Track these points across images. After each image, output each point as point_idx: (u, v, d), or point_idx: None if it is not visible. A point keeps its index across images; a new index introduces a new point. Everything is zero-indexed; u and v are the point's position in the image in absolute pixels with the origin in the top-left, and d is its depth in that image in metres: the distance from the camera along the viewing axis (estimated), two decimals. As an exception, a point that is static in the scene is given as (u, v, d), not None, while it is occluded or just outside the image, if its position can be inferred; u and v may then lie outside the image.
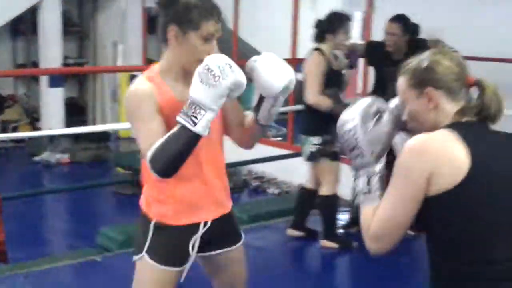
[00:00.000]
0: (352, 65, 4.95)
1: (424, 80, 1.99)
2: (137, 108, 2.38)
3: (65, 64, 9.30)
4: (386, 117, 2.07)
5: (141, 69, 9.22)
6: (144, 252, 2.56)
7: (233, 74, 2.22)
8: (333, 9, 5.01)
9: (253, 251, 5.04)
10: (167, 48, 2.44)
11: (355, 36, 10.29)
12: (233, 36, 7.70)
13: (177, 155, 2.27)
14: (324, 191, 4.98)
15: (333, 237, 5.06)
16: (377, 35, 5.77)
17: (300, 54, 6.62)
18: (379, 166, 2.06)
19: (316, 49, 4.86)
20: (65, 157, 8.18)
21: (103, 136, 8.63)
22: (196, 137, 2.25)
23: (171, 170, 2.32)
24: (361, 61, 6.05)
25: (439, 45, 5.34)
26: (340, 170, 4.95)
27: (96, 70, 9.57)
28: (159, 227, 2.55)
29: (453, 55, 2.03)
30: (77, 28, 10.00)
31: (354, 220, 5.44)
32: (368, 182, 2.03)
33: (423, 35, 5.64)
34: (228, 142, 2.64)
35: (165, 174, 2.33)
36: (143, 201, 2.63)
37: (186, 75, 2.40)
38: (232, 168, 6.68)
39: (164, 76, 2.44)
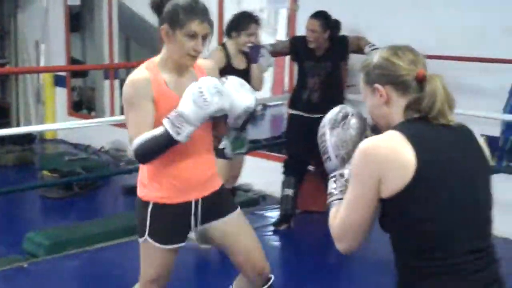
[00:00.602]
0: (253, 61, 4.98)
1: (373, 76, 2.08)
2: (132, 96, 2.78)
3: (-15, 65, 9.09)
4: (353, 120, 2.20)
5: (65, 69, 9.19)
6: (146, 236, 2.91)
7: (221, 102, 2.67)
8: (247, 9, 5.08)
9: (184, 252, 5.06)
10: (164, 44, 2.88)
11: (281, 33, 10.38)
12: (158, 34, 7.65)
13: (156, 151, 2.73)
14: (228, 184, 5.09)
15: None
16: (302, 32, 5.84)
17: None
18: (346, 170, 2.13)
19: (221, 44, 4.95)
20: (-12, 161, 7.98)
21: (28, 138, 8.45)
22: (176, 143, 2.69)
23: (148, 160, 2.80)
24: (287, 58, 6.10)
25: (361, 42, 5.45)
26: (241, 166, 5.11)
27: (18, 71, 9.37)
28: (156, 207, 2.90)
29: (402, 51, 2.09)
30: (-3, 27, 9.78)
31: (283, 218, 5.51)
32: (335, 186, 2.13)
33: (345, 31, 5.75)
34: None
35: (143, 162, 2.83)
36: (139, 185, 2.97)
37: (178, 68, 2.86)
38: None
39: (160, 67, 2.85)
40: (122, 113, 8.71)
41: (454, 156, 1.99)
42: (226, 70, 4.75)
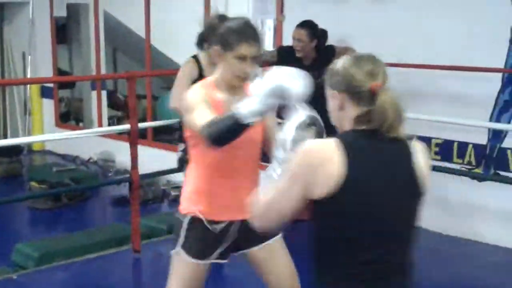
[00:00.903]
0: None
1: (333, 82, 2.16)
2: (194, 102, 2.82)
3: (-28, 77, 9.07)
4: (316, 130, 2.35)
5: (52, 80, 9.18)
6: (179, 247, 2.95)
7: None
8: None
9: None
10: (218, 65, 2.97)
11: (268, 43, 10.41)
12: (146, 45, 7.68)
13: (225, 127, 2.62)
14: None
15: None
16: (289, 42, 5.88)
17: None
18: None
19: (193, 56, 4.89)
20: (-24, 173, 7.96)
21: (15, 150, 8.43)
22: (242, 122, 2.59)
23: (218, 138, 2.65)
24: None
25: (349, 51, 5.49)
26: None
27: (5, 83, 9.34)
28: (192, 221, 2.94)
29: (363, 61, 2.13)
30: (-17, 39, 9.77)
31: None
32: (281, 169, 2.26)
33: (332, 41, 5.79)
34: (147, 152, 2.77)
35: (213, 140, 2.65)
36: (182, 197, 3.02)
37: (230, 88, 2.93)
38: (151, 178, 6.66)
39: (216, 86, 2.96)
40: (109, 124, 8.71)
41: (385, 173, 2.06)
42: (199, 81, 4.77)
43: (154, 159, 6.44)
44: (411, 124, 5.90)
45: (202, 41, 4.88)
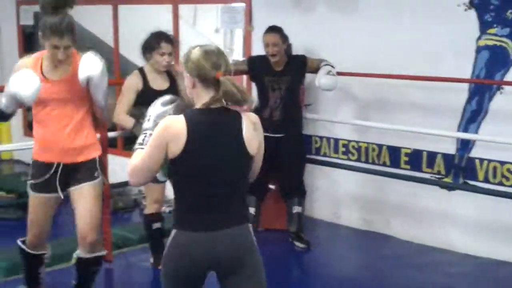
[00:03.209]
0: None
1: (188, 67, 2.80)
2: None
3: None
4: (175, 108, 2.96)
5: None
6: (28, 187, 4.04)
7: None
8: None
9: (142, 271, 5.04)
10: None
11: (237, 53, 10.42)
12: (114, 53, 7.65)
13: None
14: (146, 209, 5.09)
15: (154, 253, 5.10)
16: (258, 51, 5.91)
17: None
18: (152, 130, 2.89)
19: (139, 68, 4.94)
20: None
21: (-18, 159, 8.33)
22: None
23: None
24: (243, 78, 6.14)
25: (322, 63, 5.53)
26: (162, 191, 5.00)
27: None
28: (33, 162, 4.04)
29: (209, 54, 2.77)
30: (-52, 48, 9.62)
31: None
32: (144, 139, 2.85)
33: (300, 51, 5.85)
34: (117, 161, 3.01)
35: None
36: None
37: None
38: (122, 188, 6.61)
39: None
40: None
41: (216, 140, 2.75)
42: (146, 92, 4.78)
43: (124, 168, 6.39)
44: (380, 134, 6.03)
45: (144, 52, 4.93)
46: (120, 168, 4.20)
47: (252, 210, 5.50)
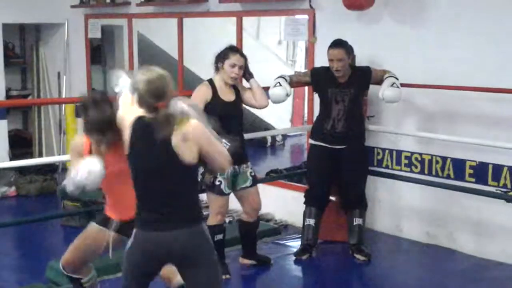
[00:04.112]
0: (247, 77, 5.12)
1: (131, 87, 3.18)
2: None
3: (9, 96, 9.19)
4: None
5: (86, 100, 9.23)
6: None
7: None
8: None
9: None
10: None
11: (300, 64, 10.45)
12: (178, 66, 7.76)
13: None
14: (208, 220, 5.02)
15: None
16: (320, 63, 5.90)
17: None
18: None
19: (208, 79, 5.02)
20: (11, 190, 8.06)
21: (50, 168, 8.53)
22: None
23: None
24: (305, 90, 6.15)
25: (386, 74, 5.49)
26: (226, 203, 5.04)
27: (40, 102, 9.47)
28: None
29: (152, 83, 3.10)
30: (19, 59, 9.91)
31: (305, 248, 5.52)
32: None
33: (363, 61, 5.82)
34: None
35: None
36: None
37: None
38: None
39: None
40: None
41: (148, 147, 3.11)
42: (214, 103, 4.86)
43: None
44: (444, 146, 5.93)
45: (216, 64, 5.01)
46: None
47: (312, 221, 5.49)
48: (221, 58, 4.98)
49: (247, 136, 5.44)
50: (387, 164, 6.12)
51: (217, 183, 4.93)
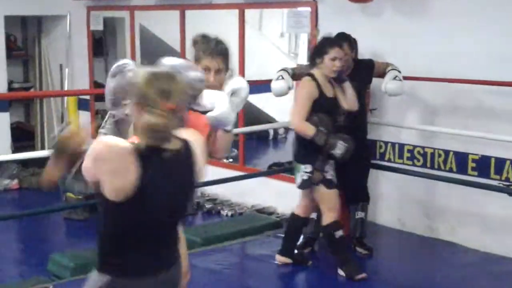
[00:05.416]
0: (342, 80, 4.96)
1: (129, 90, 2.36)
2: None
3: (11, 89, 9.20)
4: (128, 73, 2.67)
5: (88, 93, 9.29)
6: None
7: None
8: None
9: (207, 274, 5.07)
10: None
11: (302, 57, 10.43)
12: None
13: None
14: (322, 220, 4.94)
15: (343, 265, 5.00)
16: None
17: (248, 75, 6.71)
18: (114, 111, 2.73)
19: (309, 74, 4.85)
20: (13, 183, 8.07)
21: (52, 161, 8.53)
22: None
23: None
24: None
25: (389, 66, 5.47)
26: (336, 197, 4.91)
27: (43, 95, 9.47)
28: None
29: (157, 79, 2.28)
30: (21, 52, 9.91)
31: (307, 241, 5.51)
32: (107, 121, 2.69)
33: (365, 54, 5.80)
34: None
35: None
36: None
37: None
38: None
39: None
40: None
41: (169, 179, 2.35)
42: (320, 100, 4.74)
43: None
44: (447, 139, 5.93)
45: (313, 58, 4.84)
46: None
47: (314, 214, 5.48)
48: (319, 53, 4.80)
49: (249, 129, 5.42)
50: (390, 158, 6.11)
51: (329, 177, 4.83)
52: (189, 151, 2.41)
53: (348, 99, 4.93)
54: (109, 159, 2.23)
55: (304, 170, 4.81)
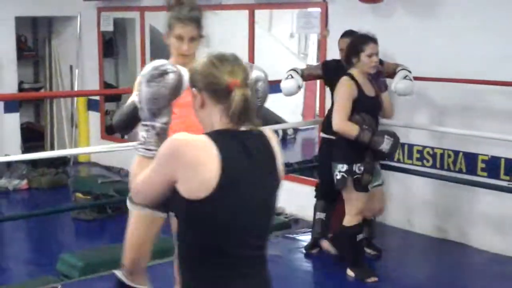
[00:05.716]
0: (381, 87, 4.95)
1: (194, 80, 2.19)
2: None
3: (21, 89, 9.23)
4: (169, 78, 2.33)
5: (98, 93, 9.31)
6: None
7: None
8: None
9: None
10: None
11: (312, 57, 10.40)
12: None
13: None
14: (346, 220, 4.92)
15: (355, 267, 4.96)
16: (332, 56, 5.87)
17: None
18: (158, 124, 2.32)
19: (347, 73, 4.83)
20: (23, 183, 8.09)
21: (62, 161, 8.56)
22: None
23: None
24: (317, 83, 6.12)
25: (398, 67, 5.45)
26: (365, 201, 4.87)
27: (53, 95, 9.49)
28: None
29: (221, 61, 2.16)
30: (32, 52, 9.95)
31: (315, 242, 5.50)
32: (145, 135, 2.30)
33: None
34: None
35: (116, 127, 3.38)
36: None
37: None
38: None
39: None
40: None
41: (250, 164, 2.13)
42: (361, 99, 4.72)
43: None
44: (456, 140, 5.90)
45: (349, 57, 4.82)
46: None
47: (322, 215, 5.47)
48: (355, 52, 4.79)
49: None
50: (399, 158, 6.09)
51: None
52: (268, 143, 2.23)
53: (385, 108, 4.98)
54: (189, 150, 2.06)
55: (338, 169, 4.78)
